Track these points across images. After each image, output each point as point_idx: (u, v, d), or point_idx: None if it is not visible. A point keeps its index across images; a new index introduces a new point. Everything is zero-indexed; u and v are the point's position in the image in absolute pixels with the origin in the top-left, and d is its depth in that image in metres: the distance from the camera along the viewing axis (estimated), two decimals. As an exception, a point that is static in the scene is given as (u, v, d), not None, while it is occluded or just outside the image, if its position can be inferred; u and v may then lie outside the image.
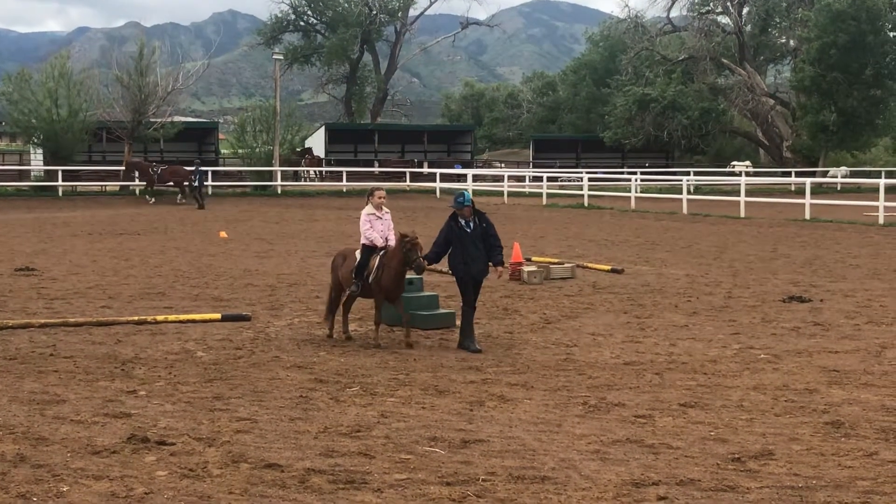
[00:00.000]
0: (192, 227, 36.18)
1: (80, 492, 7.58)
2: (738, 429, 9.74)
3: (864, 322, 16.24)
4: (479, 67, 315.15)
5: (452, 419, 10.03)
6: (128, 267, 23.79)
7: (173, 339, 14.54)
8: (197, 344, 14.18)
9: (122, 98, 63.04)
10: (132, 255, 26.39)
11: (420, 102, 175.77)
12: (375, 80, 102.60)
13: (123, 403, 10.55)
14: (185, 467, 8.21)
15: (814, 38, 74.08)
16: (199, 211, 45.72)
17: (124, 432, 9.27)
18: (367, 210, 14.69)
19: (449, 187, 63.52)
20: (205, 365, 12.75)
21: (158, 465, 8.30)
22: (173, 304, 18.04)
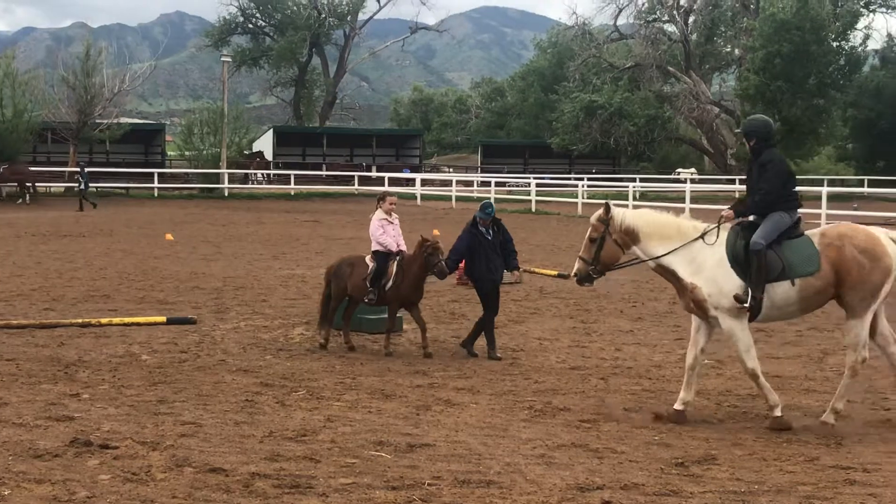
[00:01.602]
0: (138, 230, 35.89)
1: (21, 496, 7.50)
2: (682, 434, 9.83)
3: (806, 328, 16.42)
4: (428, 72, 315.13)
5: (399, 423, 10.04)
6: (72, 269, 23.56)
7: (118, 342, 14.43)
8: (142, 347, 14.08)
9: (68, 99, 62.45)
10: (77, 258, 26.13)
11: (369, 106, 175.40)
12: (324, 84, 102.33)
13: (66, 407, 10.45)
14: (129, 471, 8.14)
15: (758, 48, 74.76)
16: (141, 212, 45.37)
17: (67, 436, 9.18)
18: (378, 215, 14.54)
19: (397, 191, 63.45)
20: (149, 368, 12.66)
21: (101, 468, 8.23)
22: (118, 306, 17.90)
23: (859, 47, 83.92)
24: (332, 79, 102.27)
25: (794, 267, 10.18)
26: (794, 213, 10.53)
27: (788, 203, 10.51)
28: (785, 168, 10.69)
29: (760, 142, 10.74)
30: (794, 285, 10.20)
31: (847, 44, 79.96)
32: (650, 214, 10.89)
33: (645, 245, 10.67)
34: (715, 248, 10.40)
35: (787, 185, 10.60)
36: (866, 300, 10.14)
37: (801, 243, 10.30)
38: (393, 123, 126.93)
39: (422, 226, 39.51)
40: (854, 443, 9.54)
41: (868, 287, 10.10)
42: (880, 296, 10.20)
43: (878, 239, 10.23)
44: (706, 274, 10.34)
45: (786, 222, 10.40)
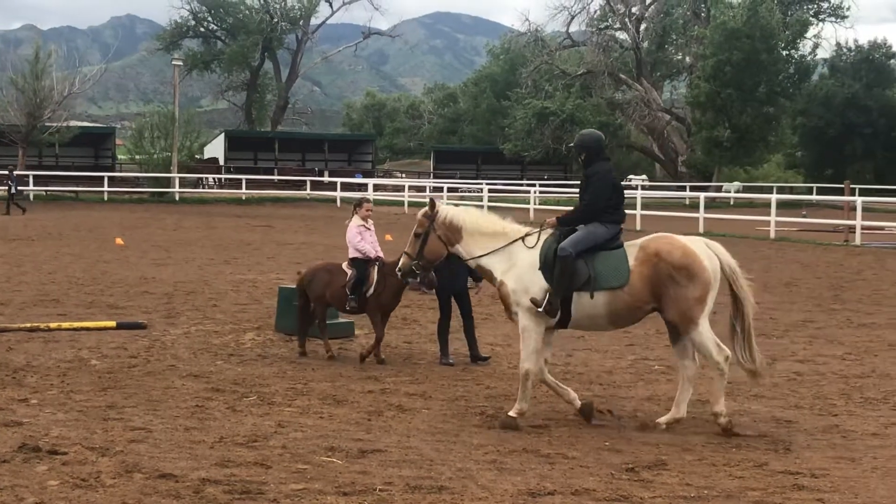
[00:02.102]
0: (88, 234, 35.60)
1: (-32, 502, 7.42)
2: (633, 439, 9.88)
3: (755, 335, 16.51)
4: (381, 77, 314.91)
5: (350, 429, 10.02)
6: (20, 273, 23.32)
7: (67, 346, 14.30)
8: (91, 352, 13.96)
9: (17, 101, 61.89)
10: (25, 262, 25.87)
11: (321, 111, 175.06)
12: (276, 88, 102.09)
13: (14, 412, 10.34)
14: (78, 477, 8.07)
15: (709, 56, 75.42)
16: (91, 216, 45.00)
17: (15, 441, 9.08)
18: (355, 222, 14.36)
19: (349, 196, 63.35)
20: (99, 373, 12.56)
21: (50, 474, 8.15)
22: (67, 311, 17.74)
23: (809, 56, 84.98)
24: (284, 83, 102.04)
25: (600, 278, 10.25)
26: (613, 226, 10.60)
27: (609, 215, 10.59)
28: (609, 181, 10.72)
29: (591, 155, 10.86)
30: (592, 297, 10.27)
31: (797, 52, 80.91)
32: (476, 213, 11.01)
33: (467, 243, 10.81)
34: (533, 251, 10.51)
35: (611, 198, 10.66)
36: (691, 318, 10.21)
37: (614, 256, 10.38)
38: (345, 128, 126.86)
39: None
40: (802, 448, 9.63)
41: (688, 303, 10.17)
42: (705, 308, 10.27)
43: (694, 254, 10.30)
44: (516, 273, 10.47)
45: (601, 234, 10.47)
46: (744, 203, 64.28)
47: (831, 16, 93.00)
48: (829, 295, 22.19)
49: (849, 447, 9.71)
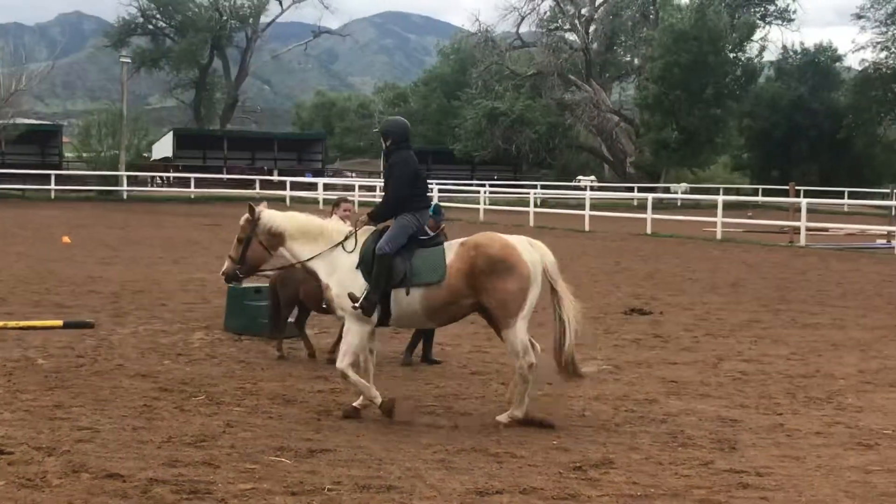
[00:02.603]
0: (34, 232, 35.26)
1: (-88, 503, 7.35)
2: (581, 438, 9.95)
3: (702, 334, 16.72)
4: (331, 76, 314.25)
5: (299, 428, 10.01)
6: (-35, 272, 23.07)
7: (13, 345, 14.16)
8: (37, 351, 13.84)
9: (-38, 98, 61.19)
10: (-31, 260, 25.59)
11: (271, 110, 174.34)
12: (225, 86, 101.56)
13: (-41, 412, 10.25)
14: (24, 477, 8.01)
15: (657, 58, 75.94)
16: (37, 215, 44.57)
17: (-40, 442, 9.00)
18: None
19: (299, 195, 63.17)
20: (45, 373, 12.45)
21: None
22: (13, 310, 17.56)
23: (755, 58, 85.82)
24: (233, 81, 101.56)
25: (417, 275, 10.34)
26: (421, 214, 10.73)
27: (415, 204, 10.70)
28: (410, 169, 10.80)
29: (395, 143, 10.98)
30: (408, 294, 10.36)
31: (743, 55, 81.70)
32: (298, 218, 11.10)
33: (291, 247, 10.91)
34: (353, 253, 10.64)
35: (414, 186, 10.77)
36: (509, 311, 10.23)
37: (433, 252, 10.48)
38: (295, 127, 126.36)
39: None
40: (747, 447, 9.74)
41: (506, 298, 10.19)
42: (525, 306, 10.26)
43: (513, 249, 10.31)
44: (338, 275, 10.60)
45: (412, 224, 10.59)
46: (691, 204, 64.76)
47: (778, 19, 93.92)
48: (774, 295, 22.43)
49: (793, 446, 9.83)
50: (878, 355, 15.04)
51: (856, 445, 9.87)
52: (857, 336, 16.80)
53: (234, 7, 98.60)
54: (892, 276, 26.96)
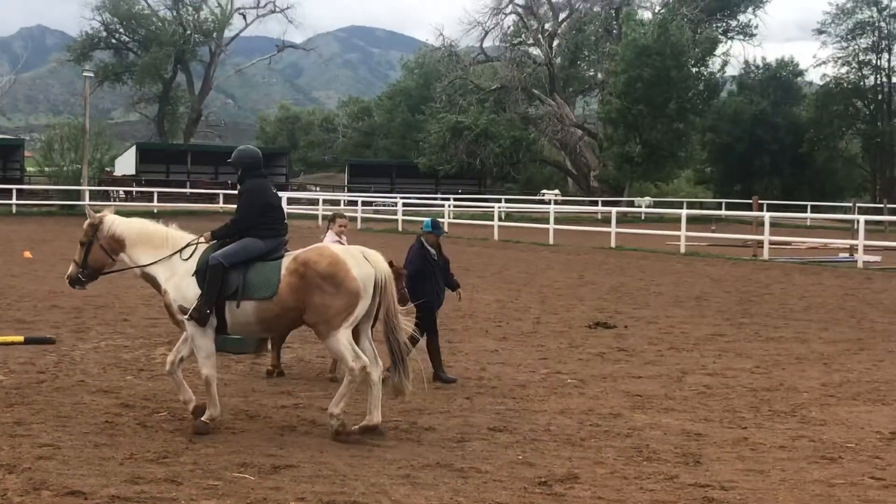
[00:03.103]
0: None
1: None
2: (545, 453, 9.93)
3: (666, 348, 16.76)
4: (295, 91, 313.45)
5: (263, 444, 9.95)
6: (-76, 287, 22.82)
7: (-28, 362, 14.01)
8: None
9: (-78, 112, 60.69)
10: (-71, 275, 25.33)
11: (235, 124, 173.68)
12: (189, 101, 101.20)
13: (-83, 430, 10.12)
14: (-17, 496, 7.92)
15: (620, 72, 76.22)
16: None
17: (-82, 460, 8.88)
18: (330, 237, 14.06)
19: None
20: (6, 389, 12.32)
21: (-46, 493, 7.99)
22: (-28, 326, 17.38)
23: (718, 73, 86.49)
24: (197, 95, 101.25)
25: (249, 289, 10.48)
26: (270, 240, 10.85)
27: (264, 231, 10.84)
28: (259, 198, 10.99)
29: (246, 171, 11.16)
30: (238, 307, 10.50)
31: (706, 70, 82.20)
32: (140, 224, 11.25)
33: (131, 253, 11.06)
34: (190, 261, 10.78)
35: (264, 213, 10.92)
36: (332, 325, 10.31)
37: (268, 267, 10.60)
38: (259, 141, 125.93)
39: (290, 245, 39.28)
40: (712, 461, 9.75)
41: (330, 312, 10.29)
42: (350, 318, 10.36)
43: (342, 263, 10.41)
44: (175, 281, 10.74)
45: (257, 247, 10.71)
46: (655, 218, 65.00)
47: (740, 34, 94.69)
48: (737, 309, 22.53)
49: (757, 459, 9.86)
50: (841, 369, 15.13)
51: (819, 459, 9.91)
52: (820, 349, 16.89)
53: (197, 21, 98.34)
54: (854, 290, 27.15)
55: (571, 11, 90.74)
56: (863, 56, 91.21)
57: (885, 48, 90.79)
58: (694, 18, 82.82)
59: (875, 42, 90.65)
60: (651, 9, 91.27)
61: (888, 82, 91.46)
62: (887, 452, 10.18)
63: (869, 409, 12.30)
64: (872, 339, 18.26)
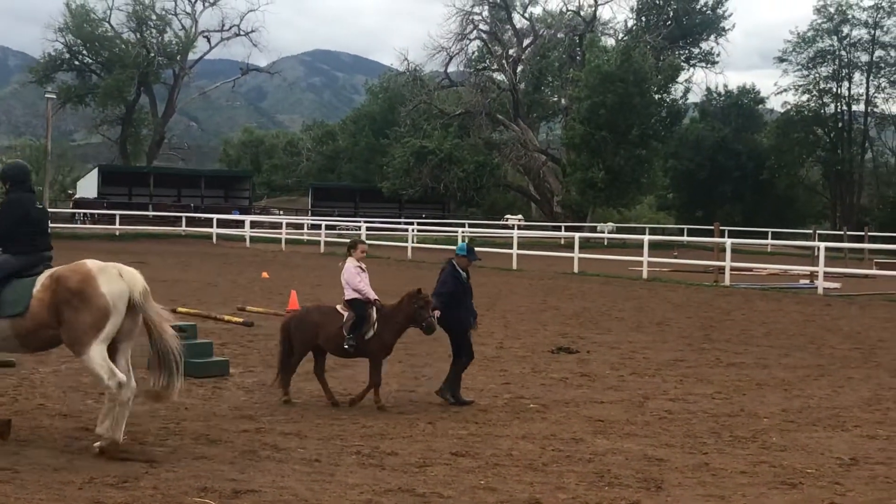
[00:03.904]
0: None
1: None
2: (507, 478, 9.92)
3: (628, 373, 16.80)
4: (259, 114, 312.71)
5: (224, 469, 9.88)
6: None
7: (-71, 385, 13.86)
8: (-45, 391, 13.55)
9: None
10: None
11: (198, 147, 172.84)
12: (152, 123, 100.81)
13: None
14: (-60, 521, 7.83)
15: (584, 98, 76.68)
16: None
17: None
18: (352, 263, 13.98)
19: (225, 233, 62.81)
20: (-37, 413, 12.19)
21: None
22: (-70, 349, 17.18)
23: (680, 100, 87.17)
24: (160, 118, 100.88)
25: (2, 306, 10.52)
26: (25, 256, 10.84)
27: (20, 246, 10.84)
28: (19, 211, 10.95)
29: (13, 185, 11.15)
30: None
31: (668, 96, 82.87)
32: None
33: None
34: None
35: (21, 227, 10.90)
36: (81, 343, 10.33)
37: (22, 284, 10.63)
38: (222, 164, 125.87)
39: (251, 268, 39.15)
40: (673, 486, 9.78)
41: (80, 327, 10.31)
42: (101, 335, 10.33)
43: (92, 280, 10.41)
44: None
45: (10, 265, 10.72)
46: (617, 243, 65.26)
47: (702, 61, 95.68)
48: (699, 334, 22.63)
49: (718, 485, 9.88)
50: (802, 394, 15.22)
51: (780, 485, 9.95)
52: (780, 375, 16.99)
53: (161, 44, 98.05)
54: (814, 316, 27.35)
55: (535, 37, 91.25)
56: (823, 84, 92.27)
57: (846, 77, 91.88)
58: (657, 46, 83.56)
59: (835, 70, 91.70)
60: (614, 36, 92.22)
61: (848, 110, 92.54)
62: (847, 478, 10.24)
63: (829, 435, 12.37)
64: (832, 365, 18.38)
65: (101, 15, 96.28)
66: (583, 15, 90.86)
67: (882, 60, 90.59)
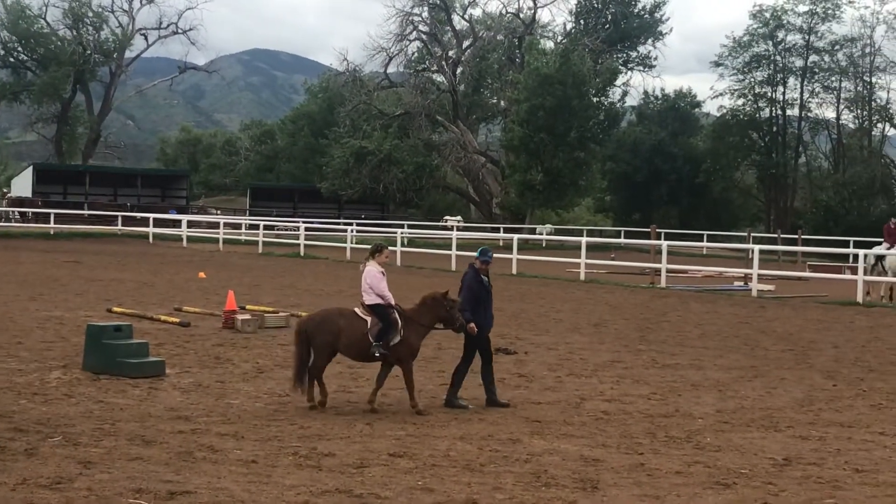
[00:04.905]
0: None
1: None
2: (445, 478, 9.94)
3: (565, 374, 16.90)
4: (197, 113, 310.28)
5: (159, 470, 9.81)
6: None
7: None
8: None
9: None
10: None
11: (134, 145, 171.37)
12: (88, 121, 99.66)
13: None
14: None
15: (523, 100, 76.95)
16: None
17: None
18: (376, 268, 13.68)
19: (162, 232, 62.28)
20: None
21: None
22: None
23: (618, 103, 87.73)
24: (96, 116, 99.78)
25: None
26: None
27: None
28: None
29: None
30: None
31: (606, 100, 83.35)
32: None
33: None
34: None
35: None
36: None
37: None
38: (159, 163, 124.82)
39: (188, 268, 38.87)
40: (609, 486, 9.85)
41: None
42: None
43: None
44: None
45: None
46: (555, 245, 65.60)
47: (640, 65, 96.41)
48: (635, 336, 22.80)
49: (654, 485, 9.97)
50: (736, 395, 15.39)
51: (714, 485, 10.05)
52: (715, 376, 17.16)
53: (98, 41, 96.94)
54: (748, 318, 27.64)
55: (475, 39, 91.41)
56: (759, 89, 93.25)
57: (781, 81, 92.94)
58: (595, 49, 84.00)
59: (770, 75, 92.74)
60: (553, 38, 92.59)
61: (783, 115, 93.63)
62: (780, 479, 10.37)
63: (762, 436, 12.52)
64: (766, 366, 18.60)
65: (37, 11, 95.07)
66: (522, 17, 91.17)
67: (816, 65, 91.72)
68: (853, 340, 22.91)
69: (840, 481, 10.28)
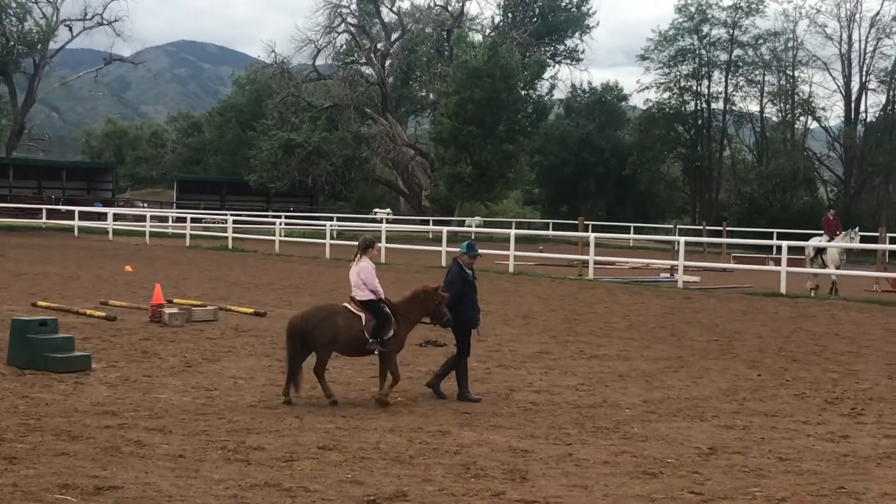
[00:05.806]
0: None
1: None
2: (375, 471, 9.97)
3: (494, 366, 16.98)
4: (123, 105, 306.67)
5: (86, 465, 9.73)
6: None
7: None
8: None
9: None
10: None
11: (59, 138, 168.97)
12: (12, 113, 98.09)
13: None
14: None
15: (452, 93, 77.01)
16: None
17: None
18: (369, 264, 13.79)
19: (87, 225, 61.55)
20: None
21: None
22: None
23: (546, 96, 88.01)
24: (20, 108, 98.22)
25: None
26: None
27: None
28: None
29: None
30: None
31: (535, 93, 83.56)
32: None
33: None
34: None
35: None
36: None
37: None
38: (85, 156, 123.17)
39: (114, 262, 38.46)
40: (538, 477, 9.92)
41: None
42: None
43: None
44: None
45: None
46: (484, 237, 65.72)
47: (567, 58, 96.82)
48: (563, 327, 22.95)
49: (582, 475, 10.06)
50: (662, 386, 15.56)
51: (641, 474, 10.17)
52: (641, 367, 17.34)
53: (21, 32, 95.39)
54: (675, 309, 27.93)
55: (404, 32, 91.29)
56: (684, 82, 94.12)
57: (705, 75, 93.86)
58: (523, 42, 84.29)
59: (696, 69, 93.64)
60: (481, 31, 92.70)
61: (707, 108, 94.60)
62: (705, 468, 10.51)
63: (688, 425, 12.68)
64: (691, 356, 18.82)
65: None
66: (450, 10, 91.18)
67: (740, 59, 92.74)
68: (777, 331, 23.25)
69: (764, 470, 10.44)
